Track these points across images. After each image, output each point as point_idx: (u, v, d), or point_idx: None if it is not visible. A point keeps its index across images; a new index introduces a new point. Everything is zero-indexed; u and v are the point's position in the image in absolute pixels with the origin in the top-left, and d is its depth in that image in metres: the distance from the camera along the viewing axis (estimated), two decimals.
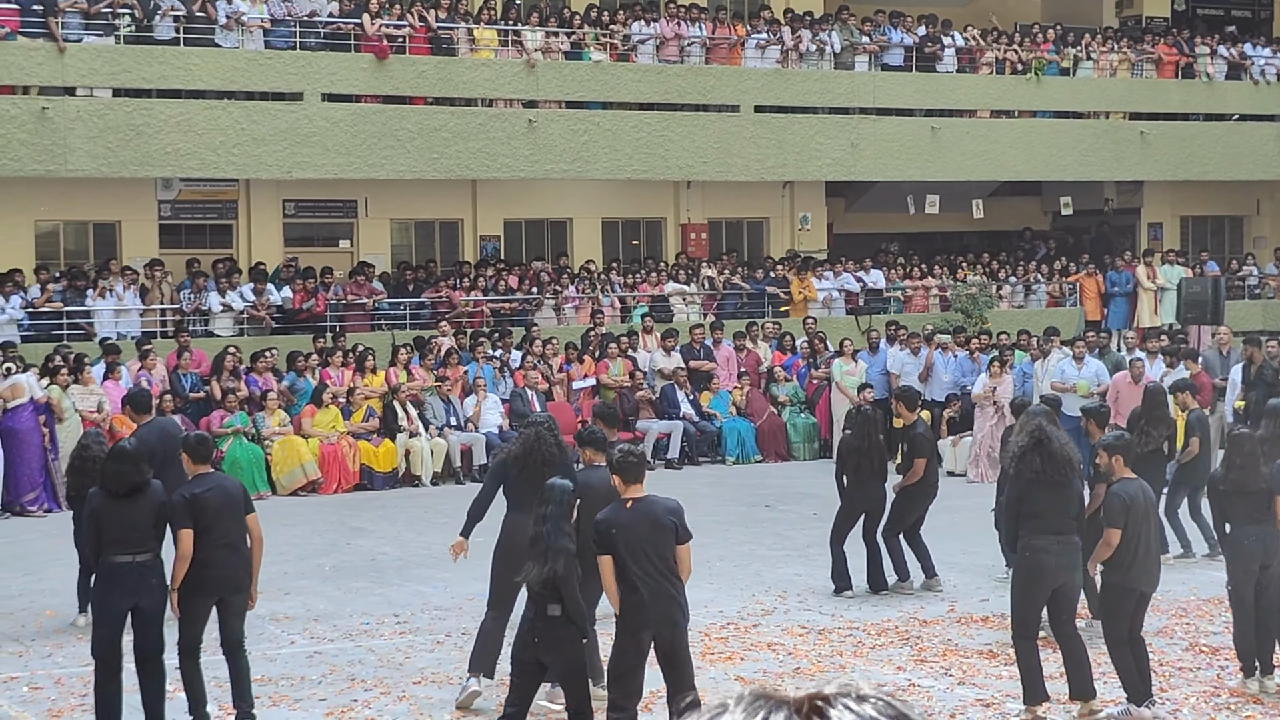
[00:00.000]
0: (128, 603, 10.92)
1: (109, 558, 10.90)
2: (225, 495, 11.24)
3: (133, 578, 10.88)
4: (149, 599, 10.98)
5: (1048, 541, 11.21)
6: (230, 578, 11.16)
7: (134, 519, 10.97)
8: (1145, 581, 11.55)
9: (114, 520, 10.92)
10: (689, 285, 30.58)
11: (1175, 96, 35.25)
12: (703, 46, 31.17)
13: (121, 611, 10.94)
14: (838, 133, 31.80)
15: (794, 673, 12.78)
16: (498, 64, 29.11)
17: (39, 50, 25.59)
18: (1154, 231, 37.32)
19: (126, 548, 10.89)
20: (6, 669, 13.05)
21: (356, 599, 15.68)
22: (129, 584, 10.88)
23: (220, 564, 11.09)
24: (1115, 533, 11.38)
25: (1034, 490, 11.22)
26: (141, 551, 10.94)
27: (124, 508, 10.97)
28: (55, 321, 25.43)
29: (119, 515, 10.94)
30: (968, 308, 30.47)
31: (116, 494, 11.00)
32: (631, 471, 10.17)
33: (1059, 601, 11.31)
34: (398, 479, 23.84)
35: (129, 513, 10.96)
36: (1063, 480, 11.28)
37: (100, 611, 11.04)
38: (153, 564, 11.02)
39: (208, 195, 29.00)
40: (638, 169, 30.20)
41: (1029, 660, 11.20)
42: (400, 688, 12.35)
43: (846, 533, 15.82)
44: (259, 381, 23.93)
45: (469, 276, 29.16)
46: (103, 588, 11.01)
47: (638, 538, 9.95)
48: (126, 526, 10.92)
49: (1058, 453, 11.34)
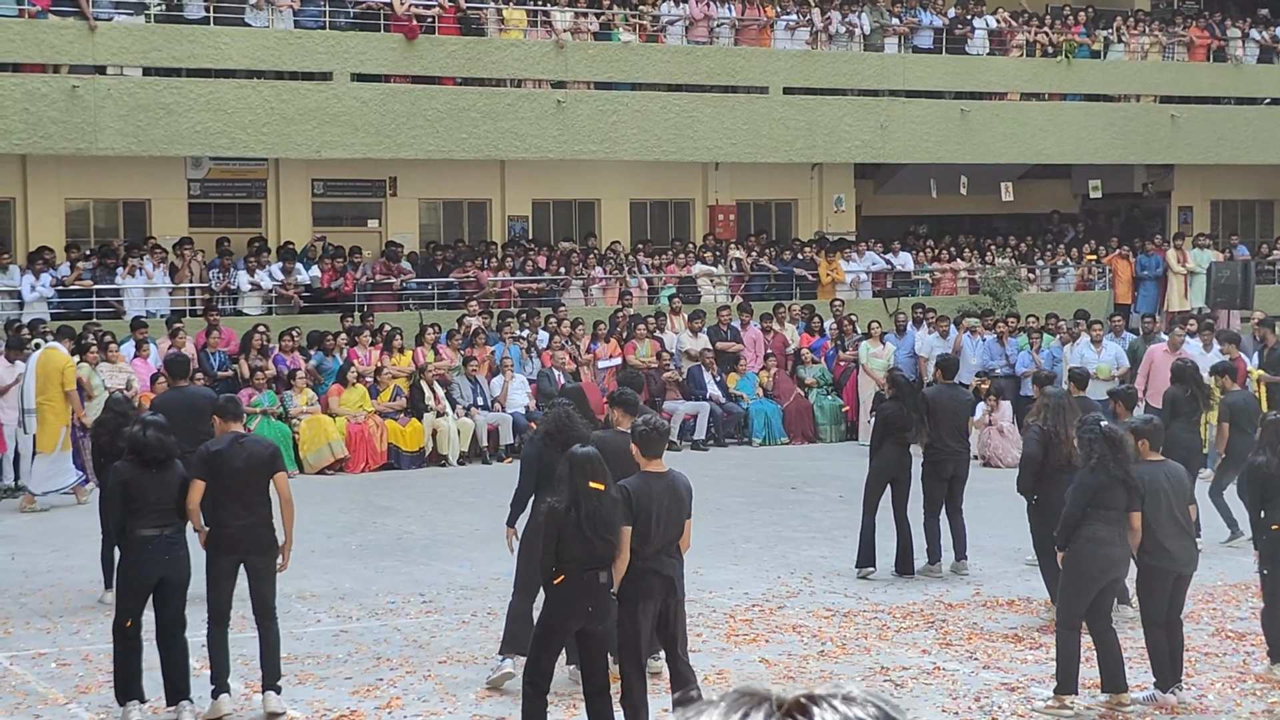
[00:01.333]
0: (154, 576, 10.95)
1: (136, 530, 10.92)
2: (249, 455, 11.30)
3: (160, 550, 10.92)
4: (175, 571, 11.01)
5: (1113, 533, 11.17)
6: (247, 537, 11.22)
7: (162, 491, 10.99)
8: (1180, 562, 11.53)
9: (142, 492, 10.93)
10: (717, 266, 30.56)
11: (1206, 79, 35.10)
12: (732, 28, 31.12)
13: (148, 584, 10.98)
14: (867, 115, 31.73)
15: (819, 655, 12.80)
16: (526, 44, 29.10)
17: (70, 29, 25.67)
18: (1184, 215, 37.18)
19: (154, 520, 10.92)
20: (35, 645, 13.13)
21: (383, 578, 15.73)
22: (157, 557, 10.92)
23: (235, 522, 11.16)
24: (1137, 516, 11.37)
25: (1110, 484, 11.15)
26: (168, 525, 10.99)
27: (153, 479, 10.97)
28: (85, 299, 25.53)
29: (147, 486, 10.95)
30: (996, 290, 30.40)
31: (148, 462, 10.98)
32: (652, 445, 10.15)
33: (1106, 595, 11.26)
34: (424, 458, 23.88)
35: (157, 484, 10.98)
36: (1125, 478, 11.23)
37: (125, 584, 11.05)
38: (178, 537, 11.06)
39: (237, 174, 29.08)
40: (666, 150, 30.19)
41: (1071, 650, 11.14)
42: (426, 667, 12.39)
43: (877, 500, 15.74)
44: (287, 360, 24.00)
45: (497, 256, 29.19)
46: (129, 559, 11.01)
47: (662, 510, 9.98)
48: (154, 499, 10.94)
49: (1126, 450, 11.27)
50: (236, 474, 11.20)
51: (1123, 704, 11.25)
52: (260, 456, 11.38)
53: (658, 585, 10.00)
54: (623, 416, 11.92)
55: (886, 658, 12.73)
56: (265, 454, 11.46)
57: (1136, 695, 11.55)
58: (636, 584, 9.96)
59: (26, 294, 24.97)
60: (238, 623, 11.47)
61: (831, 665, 12.48)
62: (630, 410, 11.97)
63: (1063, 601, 11.34)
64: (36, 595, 15.02)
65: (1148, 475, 11.47)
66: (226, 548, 11.22)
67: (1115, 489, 11.17)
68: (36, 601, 14.76)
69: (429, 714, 11.18)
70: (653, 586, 9.99)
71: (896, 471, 15.83)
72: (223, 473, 11.18)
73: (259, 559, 11.29)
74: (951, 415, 16.25)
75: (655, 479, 10.07)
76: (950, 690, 11.77)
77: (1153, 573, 11.53)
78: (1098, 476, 11.18)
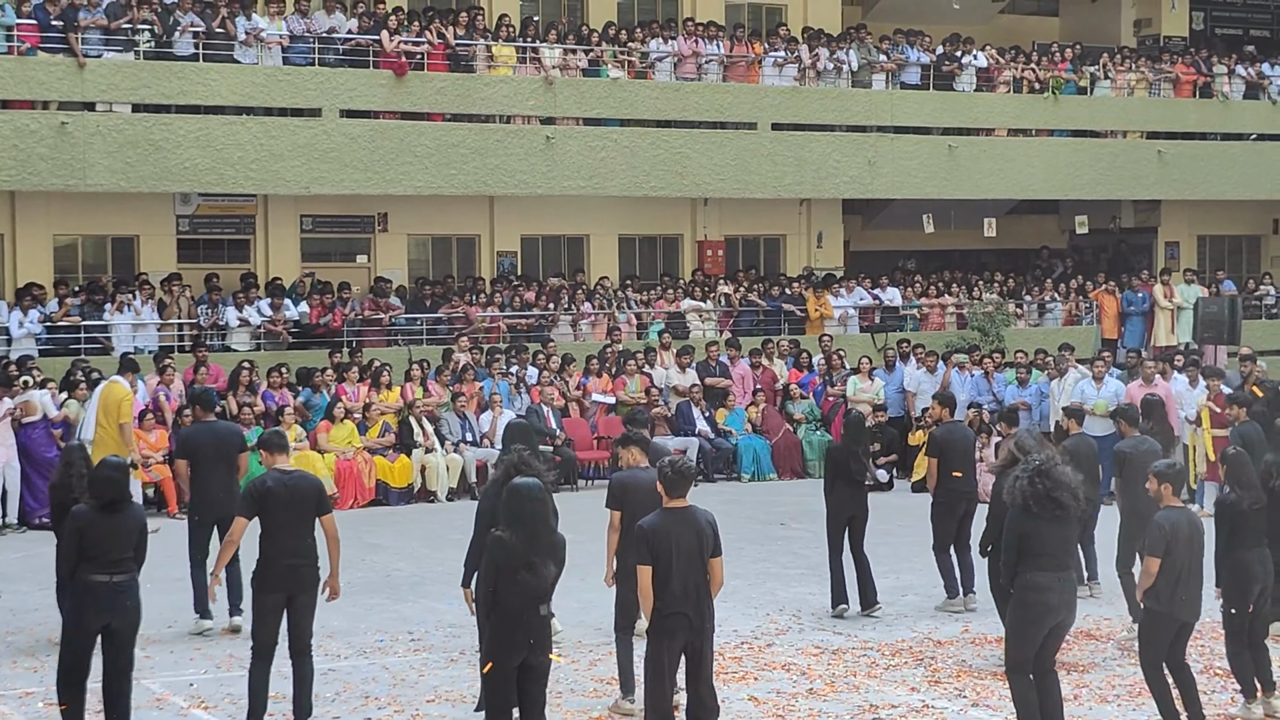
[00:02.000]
0: (100, 622, 10.78)
1: (85, 575, 10.77)
2: (295, 492, 11.38)
3: (107, 597, 10.76)
4: (122, 620, 10.84)
5: (1050, 579, 10.82)
6: (294, 574, 11.30)
7: (116, 536, 10.84)
8: (1187, 611, 11.43)
9: (96, 536, 10.78)
10: (705, 302, 30.60)
11: (1193, 116, 35.25)
12: (720, 64, 31.22)
13: (93, 631, 10.81)
14: (855, 150, 31.83)
15: (808, 693, 12.79)
16: (515, 81, 29.17)
17: (59, 66, 25.70)
18: (1171, 250, 37.29)
19: (104, 567, 10.77)
20: (22, 684, 13.08)
21: (371, 615, 15.70)
22: (103, 603, 10.75)
23: (284, 560, 11.24)
24: (1155, 561, 11.26)
25: (1040, 526, 10.81)
26: (119, 572, 10.84)
27: (108, 523, 10.83)
28: (73, 336, 25.50)
29: (102, 531, 10.80)
30: (984, 326, 30.46)
31: (103, 503, 10.85)
32: (676, 486, 10.19)
33: (1050, 639, 10.96)
34: (413, 495, 23.88)
35: (112, 529, 10.83)
36: (1067, 516, 10.92)
37: (71, 629, 10.92)
38: (128, 585, 10.89)
39: (226, 210, 29.09)
40: (655, 186, 30.25)
41: (1024, 696, 10.99)
42: (414, 705, 12.37)
43: (840, 542, 15.80)
44: (275, 396, 23.98)
45: (485, 292, 29.21)
46: (76, 605, 10.86)
47: (682, 545, 9.99)
48: (107, 544, 10.79)
49: (1066, 484, 10.89)
50: (286, 509, 11.29)
51: None
52: (308, 493, 11.49)
53: (679, 625, 10.00)
54: (639, 456, 12.29)
55: (875, 695, 12.72)
56: (313, 491, 11.58)
57: None
58: (659, 621, 10.00)
59: (14, 330, 24.95)
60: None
61: (820, 703, 12.47)
62: (645, 448, 12.38)
63: (1008, 648, 11.10)
64: (23, 634, 14.97)
65: (1169, 521, 11.36)
66: (274, 585, 11.28)
67: (1046, 535, 10.81)
68: (23, 640, 14.72)
69: None
70: (674, 626, 9.99)
71: (852, 509, 15.87)
72: (273, 508, 11.24)
73: (304, 596, 11.39)
74: (963, 452, 16.33)
75: (674, 515, 10.10)
76: None
77: (1158, 619, 11.42)
78: (1022, 519, 10.88)
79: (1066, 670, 13.52)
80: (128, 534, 10.93)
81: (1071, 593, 11.04)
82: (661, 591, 9.95)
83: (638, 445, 12.49)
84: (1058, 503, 10.80)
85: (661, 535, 9.97)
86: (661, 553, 9.93)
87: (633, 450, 12.47)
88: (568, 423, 25.92)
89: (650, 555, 9.93)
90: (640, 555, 9.98)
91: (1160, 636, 11.44)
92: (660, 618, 10.00)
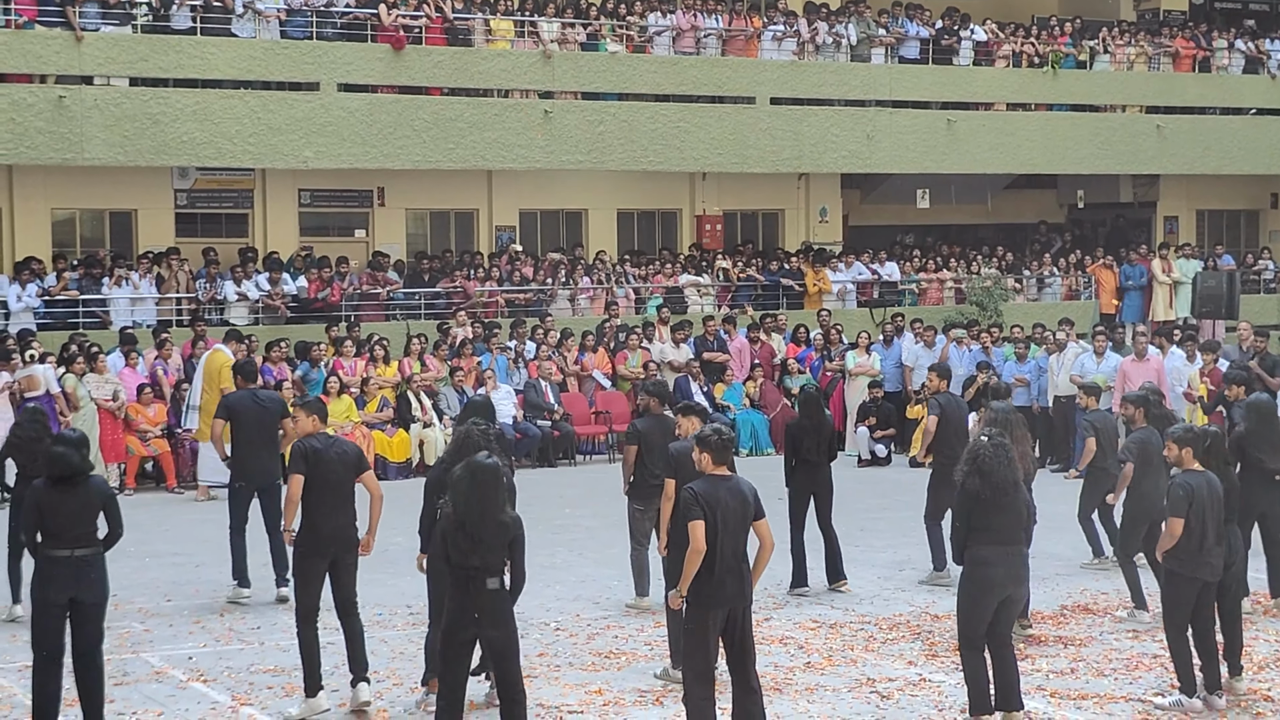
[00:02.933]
0: (64, 596, 10.67)
1: (46, 550, 10.70)
2: (342, 455, 11.56)
3: (69, 571, 10.65)
4: (88, 593, 10.73)
5: (995, 553, 10.88)
6: (341, 536, 11.48)
7: (75, 511, 10.74)
8: (1209, 571, 11.55)
9: (56, 512, 10.70)
10: (703, 277, 30.59)
11: (1192, 90, 35.21)
12: (719, 38, 31.18)
13: (58, 605, 10.70)
14: (853, 125, 31.80)
15: (805, 667, 12.81)
16: (514, 55, 29.13)
17: (56, 39, 25.65)
18: (1169, 225, 37.29)
19: (64, 542, 10.67)
20: (22, 657, 13.00)
21: (369, 590, 15.64)
22: (65, 578, 10.65)
23: (325, 524, 11.37)
24: (1178, 522, 11.42)
25: (981, 506, 10.93)
26: (81, 546, 10.72)
27: (65, 498, 10.72)
28: (71, 310, 25.50)
29: (60, 506, 10.71)
30: (982, 300, 30.45)
31: (56, 479, 10.75)
32: (721, 452, 10.21)
33: (1002, 613, 11.00)
34: (412, 469, 23.88)
35: (70, 504, 10.73)
36: (1006, 502, 10.95)
37: (36, 605, 10.82)
38: (92, 558, 10.77)
39: (224, 184, 29.08)
40: (653, 160, 30.23)
41: (975, 671, 11.02)
42: (412, 678, 12.37)
43: (802, 520, 15.83)
44: (273, 371, 23.97)
45: (484, 267, 29.20)
46: (38, 580, 10.77)
47: (728, 514, 9.99)
48: (67, 519, 10.70)
49: (997, 476, 10.92)
50: (333, 471, 11.44)
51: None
52: (349, 456, 11.69)
53: (728, 591, 9.99)
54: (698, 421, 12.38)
55: (873, 669, 12.75)
56: (353, 454, 11.79)
57: (1162, 701, 11.57)
58: (708, 589, 9.97)
59: (13, 304, 24.95)
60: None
61: (818, 677, 12.49)
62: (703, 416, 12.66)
63: (958, 622, 11.16)
64: (21, 606, 14.95)
65: (1190, 484, 11.50)
66: (321, 549, 11.42)
67: (991, 511, 10.89)
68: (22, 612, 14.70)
69: None
70: (724, 593, 9.97)
71: (812, 487, 15.91)
72: (323, 471, 11.39)
73: (348, 557, 11.55)
74: (960, 423, 16.36)
75: (721, 482, 10.10)
76: (936, 702, 11.78)
77: (1181, 581, 11.53)
78: (962, 496, 10.99)
79: (1064, 644, 13.57)
80: (89, 508, 10.82)
81: (1019, 567, 11.07)
82: (711, 560, 9.93)
83: (697, 415, 12.71)
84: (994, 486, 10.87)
85: (712, 500, 9.98)
86: (711, 517, 9.93)
87: (692, 419, 12.66)
88: (566, 398, 25.92)
89: (705, 513, 9.93)
90: (692, 514, 9.96)
91: (1185, 598, 11.54)
92: (706, 584, 9.99)
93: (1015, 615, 11.44)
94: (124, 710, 11.46)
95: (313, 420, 11.80)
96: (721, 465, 10.20)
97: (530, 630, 13.87)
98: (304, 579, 11.46)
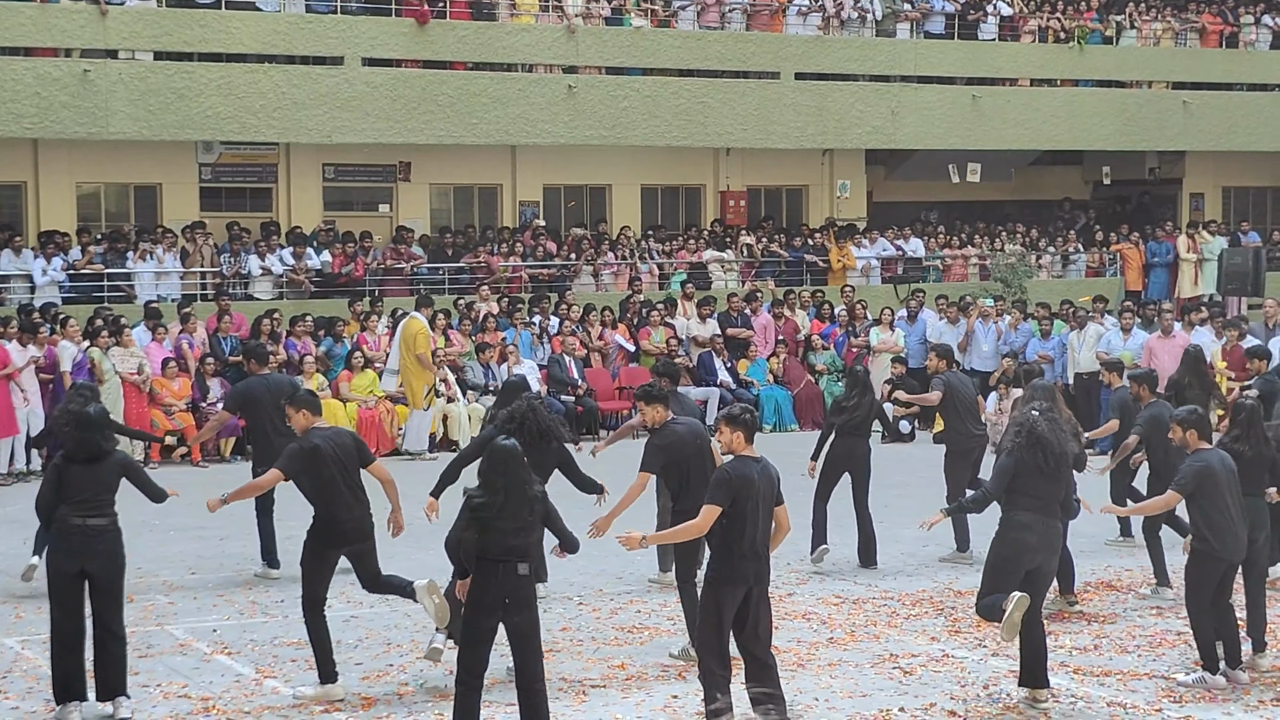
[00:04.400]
0: (74, 566, 10.67)
1: (63, 518, 10.71)
2: (341, 449, 11.46)
3: (79, 540, 10.65)
4: (97, 564, 10.71)
5: (1034, 520, 11.01)
6: (357, 529, 11.42)
7: (93, 481, 10.77)
8: (1231, 550, 11.48)
9: (75, 483, 10.72)
10: (727, 253, 30.55)
11: (1219, 66, 35.04)
12: (743, 13, 31.10)
13: (68, 574, 10.70)
14: (878, 100, 31.72)
15: (828, 642, 12.81)
16: (538, 29, 29.10)
17: (81, 13, 25.69)
18: (1195, 202, 37.13)
19: (80, 510, 10.68)
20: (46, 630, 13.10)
21: (393, 564, 15.62)
22: (75, 546, 10.65)
23: (348, 517, 11.31)
24: (1175, 497, 11.53)
25: (1031, 473, 11.08)
26: (94, 515, 10.72)
27: (86, 471, 10.77)
28: (96, 284, 25.56)
29: (81, 479, 10.74)
30: (1007, 277, 30.38)
31: (76, 460, 10.82)
32: (752, 430, 10.20)
33: (1030, 584, 11.01)
34: (435, 444, 23.91)
35: (89, 477, 10.76)
36: (1057, 473, 11.17)
37: (50, 574, 10.85)
38: (106, 529, 10.76)
39: (248, 159, 29.10)
40: (677, 136, 30.18)
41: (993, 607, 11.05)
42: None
43: (828, 494, 15.87)
44: (297, 346, 24.02)
45: (508, 242, 29.19)
46: (50, 549, 10.85)
47: (759, 495, 9.97)
48: (84, 488, 10.72)
49: (1058, 447, 11.18)
50: (337, 466, 11.33)
51: (1039, 700, 11.10)
52: (350, 446, 11.60)
53: (749, 571, 9.97)
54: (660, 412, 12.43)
55: (895, 645, 12.74)
56: (354, 442, 11.73)
57: (1185, 679, 11.55)
58: (731, 567, 9.95)
59: (38, 278, 25.01)
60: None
61: (840, 653, 12.49)
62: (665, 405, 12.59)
63: (983, 583, 11.21)
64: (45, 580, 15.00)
65: (1201, 463, 11.45)
66: (339, 541, 11.36)
67: (1035, 477, 11.06)
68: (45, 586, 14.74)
69: (440, 698, 11.20)
70: (745, 572, 9.95)
71: (850, 464, 15.96)
72: (327, 467, 11.27)
73: (365, 543, 11.51)
74: (969, 400, 16.41)
75: (752, 463, 10.06)
76: (959, 678, 11.78)
77: (1204, 559, 11.47)
78: (1011, 461, 11.14)
79: (1087, 620, 13.56)
80: (107, 477, 10.84)
81: (1054, 538, 11.18)
82: (738, 539, 9.91)
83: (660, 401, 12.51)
84: (1056, 456, 11.11)
85: (746, 482, 9.92)
86: (742, 498, 9.91)
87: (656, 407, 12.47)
88: (589, 373, 25.93)
89: (729, 499, 9.90)
90: (717, 497, 9.92)
91: (1209, 577, 11.49)
92: (726, 563, 9.97)
93: (1045, 589, 11.38)
94: (148, 683, 11.51)
95: (303, 415, 11.64)
96: (751, 445, 10.18)
97: (553, 605, 13.91)
98: (317, 569, 11.31)
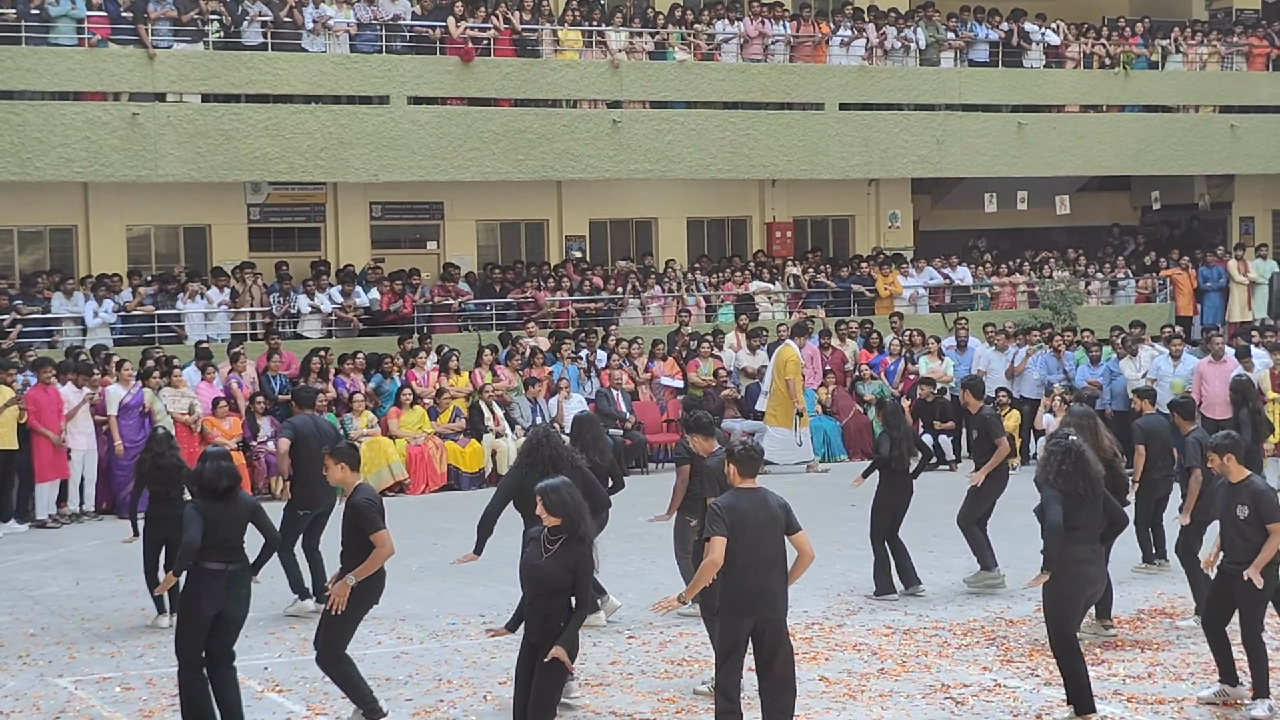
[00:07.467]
0: (215, 609, 10.88)
1: (201, 563, 10.87)
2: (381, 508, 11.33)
3: (222, 585, 10.87)
4: (236, 607, 10.98)
5: (1087, 552, 11.23)
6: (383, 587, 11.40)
7: (231, 525, 10.98)
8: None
9: (212, 526, 10.88)
10: (774, 284, 30.54)
11: (1266, 89, 34.87)
12: (787, 44, 31.14)
13: (206, 617, 10.89)
14: (923, 129, 31.69)
15: (879, 673, 12.77)
16: (582, 65, 29.20)
17: (129, 57, 25.93)
18: (1245, 225, 36.92)
19: (221, 555, 10.88)
20: (100, 669, 13.23)
21: (443, 599, 15.78)
22: (218, 591, 10.86)
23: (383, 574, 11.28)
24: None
25: (1074, 505, 11.20)
26: (234, 560, 10.96)
27: (222, 513, 10.94)
28: (147, 325, 25.73)
29: (220, 516, 10.91)
30: (1055, 304, 30.27)
31: (216, 491, 10.95)
32: (749, 465, 10.26)
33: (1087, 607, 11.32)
34: (484, 479, 23.95)
35: (226, 519, 10.95)
36: (1096, 496, 11.34)
37: (185, 615, 11.00)
38: (242, 573, 11.01)
39: (296, 198, 29.27)
40: (722, 168, 30.22)
41: (1075, 668, 11.09)
42: (486, 687, 12.43)
43: (883, 534, 15.96)
44: (346, 383, 24.12)
45: (554, 277, 29.26)
46: (192, 591, 10.96)
47: (755, 522, 10.02)
48: (223, 532, 10.91)
49: (1092, 472, 11.38)
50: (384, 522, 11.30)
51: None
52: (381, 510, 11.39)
53: (750, 602, 10.02)
54: (704, 441, 13.07)
55: (947, 675, 12.69)
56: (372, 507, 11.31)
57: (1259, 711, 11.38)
58: (735, 598, 10.03)
59: (89, 320, 25.20)
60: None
61: (892, 683, 12.44)
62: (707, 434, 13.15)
63: (1052, 625, 11.27)
64: (100, 620, 15.14)
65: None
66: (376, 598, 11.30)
67: (1082, 507, 11.22)
68: (99, 626, 14.88)
69: None
70: (744, 603, 10.02)
71: (897, 504, 16.10)
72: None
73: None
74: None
75: (747, 495, 10.15)
76: (1011, 708, 11.72)
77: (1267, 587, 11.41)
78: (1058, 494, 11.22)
79: (1141, 648, 13.46)
80: (240, 521, 11.06)
81: (1104, 565, 11.50)
82: (729, 567, 9.97)
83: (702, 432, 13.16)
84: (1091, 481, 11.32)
85: (737, 512, 10.02)
86: (736, 529, 9.96)
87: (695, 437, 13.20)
88: (637, 406, 25.95)
89: (725, 529, 9.95)
90: (714, 529, 9.98)
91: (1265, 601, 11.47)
92: (733, 594, 10.01)
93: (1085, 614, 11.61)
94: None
95: (341, 469, 11.21)
96: (749, 478, 10.24)
97: (603, 638, 13.91)
98: (349, 624, 11.16)
